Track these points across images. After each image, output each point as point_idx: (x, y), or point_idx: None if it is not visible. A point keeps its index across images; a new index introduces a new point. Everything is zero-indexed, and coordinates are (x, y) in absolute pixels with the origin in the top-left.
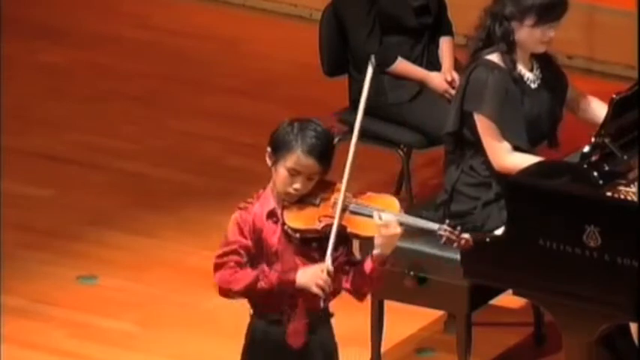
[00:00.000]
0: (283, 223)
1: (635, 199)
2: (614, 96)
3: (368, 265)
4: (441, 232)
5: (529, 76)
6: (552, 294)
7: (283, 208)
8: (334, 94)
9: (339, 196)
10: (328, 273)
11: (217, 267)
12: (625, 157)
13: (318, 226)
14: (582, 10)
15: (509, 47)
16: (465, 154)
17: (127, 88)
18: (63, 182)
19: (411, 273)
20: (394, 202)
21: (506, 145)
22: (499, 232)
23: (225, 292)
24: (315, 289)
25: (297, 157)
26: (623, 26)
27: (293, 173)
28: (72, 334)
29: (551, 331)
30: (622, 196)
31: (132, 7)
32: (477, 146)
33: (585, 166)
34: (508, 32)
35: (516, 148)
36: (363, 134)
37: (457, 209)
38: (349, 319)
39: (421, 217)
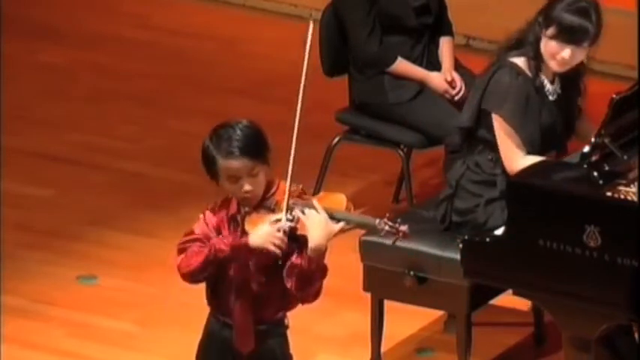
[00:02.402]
0: (243, 230)
1: (635, 199)
2: (614, 96)
3: (304, 259)
4: (381, 226)
5: (549, 87)
6: (552, 294)
7: (245, 214)
8: (334, 94)
9: (284, 198)
10: (284, 231)
11: (179, 252)
12: (625, 157)
13: None
14: None
15: (536, 53)
16: (472, 151)
17: (127, 88)
18: (63, 182)
19: (411, 273)
20: (341, 200)
21: (521, 149)
22: (499, 232)
23: (187, 276)
24: (272, 248)
25: (222, 165)
26: (623, 26)
27: (232, 180)
28: (72, 334)
29: (551, 331)
30: (622, 196)
31: (132, 7)
32: (485, 144)
33: (585, 166)
34: (537, 38)
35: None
36: (364, 134)
37: (460, 206)
38: (349, 319)
39: (422, 217)
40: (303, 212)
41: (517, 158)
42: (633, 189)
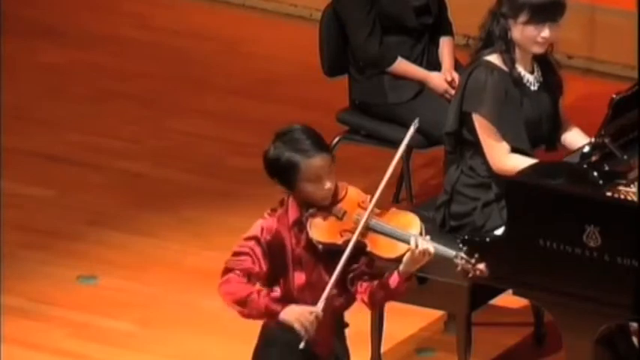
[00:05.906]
0: (307, 234)
1: (635, 199)
2: (614, 96)
3: (394, 280)
4: (457, 261)
5: (529, 77)
6: (552, 294)
7: (309, 217)
8: (334, 94)
9: (363, 215)
10: (317, 316)
11: (225, 272)
12: (625, 157)
13: (339, 240)
14: (582, 10)
15: (507, 46)
16: (464, 155)
17: (127, 88)
18: (63, 182)
19: None
20: (415, 221)
21: (504, 146)
22: (499, 232)
23: (228, 302)
24: (297, 326)
25: (305, 166)
26: (623, 26)
27: (316, 180)
28: (72, 334)
29: (551, 331)
30: (622, 196)
31: (132, 7)
32: (476, 147)
33: (585, 166)
34: (505, 30)
35: (516, 150)
36: (364, 134)
37: (457, 210)
38: (350, 319)
39: (422, 217)
40: (416, 243)
41: (500, 155)
42: (633, 189)
